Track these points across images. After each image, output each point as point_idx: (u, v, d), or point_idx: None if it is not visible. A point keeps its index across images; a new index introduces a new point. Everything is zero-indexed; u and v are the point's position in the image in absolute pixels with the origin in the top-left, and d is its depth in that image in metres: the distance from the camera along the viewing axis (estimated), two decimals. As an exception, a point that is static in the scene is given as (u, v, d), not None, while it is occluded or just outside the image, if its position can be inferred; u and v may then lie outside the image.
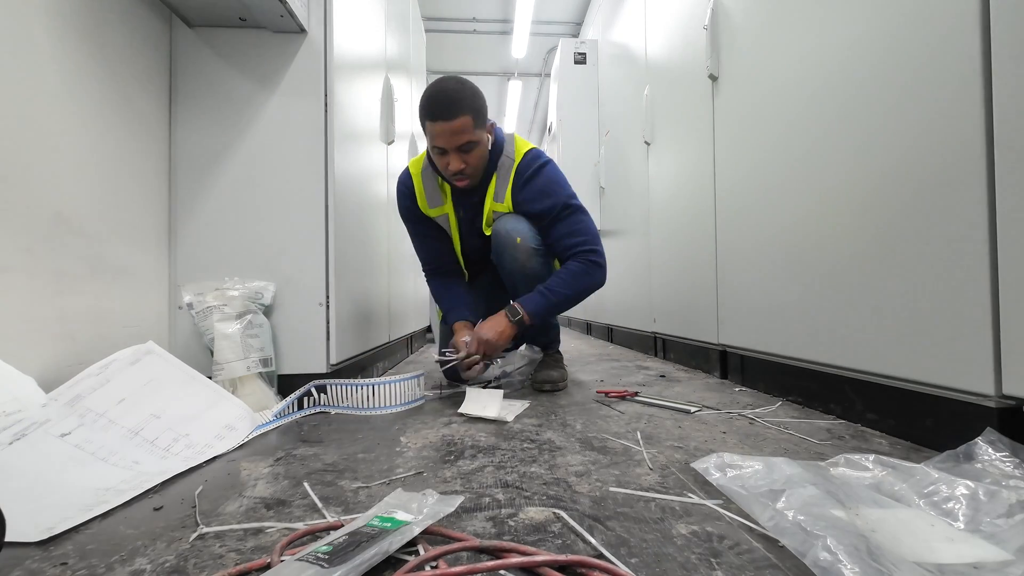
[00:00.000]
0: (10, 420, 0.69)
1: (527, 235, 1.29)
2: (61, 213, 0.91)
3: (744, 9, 1.33)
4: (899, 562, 0.44)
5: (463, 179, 1.25)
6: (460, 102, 1.15)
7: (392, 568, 0.46)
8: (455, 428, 0.99)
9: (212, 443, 0.86)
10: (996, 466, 0.64)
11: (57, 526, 0.56)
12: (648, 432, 0.93)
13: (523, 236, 1.28)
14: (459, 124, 1.15)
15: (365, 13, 1.62)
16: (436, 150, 1.20)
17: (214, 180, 1.24)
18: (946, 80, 0.77)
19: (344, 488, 0.68)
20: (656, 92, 2.03)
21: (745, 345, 1.37)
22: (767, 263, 1.25)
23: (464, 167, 1.21)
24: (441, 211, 1.37)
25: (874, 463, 0.67)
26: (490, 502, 0.63)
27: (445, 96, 1.16)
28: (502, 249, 1.30)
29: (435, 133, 1.17)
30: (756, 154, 1.29)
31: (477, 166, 1.25)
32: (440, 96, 1.16)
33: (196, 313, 1.15)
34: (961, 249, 0.75)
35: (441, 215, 1.38)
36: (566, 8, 4.75)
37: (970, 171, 0.73)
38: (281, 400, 1.11)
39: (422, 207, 1.37)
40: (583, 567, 0.46)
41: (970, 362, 0.74)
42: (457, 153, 1.19)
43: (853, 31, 0.95)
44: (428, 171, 1.35)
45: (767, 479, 0.63)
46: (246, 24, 1.22)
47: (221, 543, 0.53)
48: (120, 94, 1.06)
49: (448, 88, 1.17)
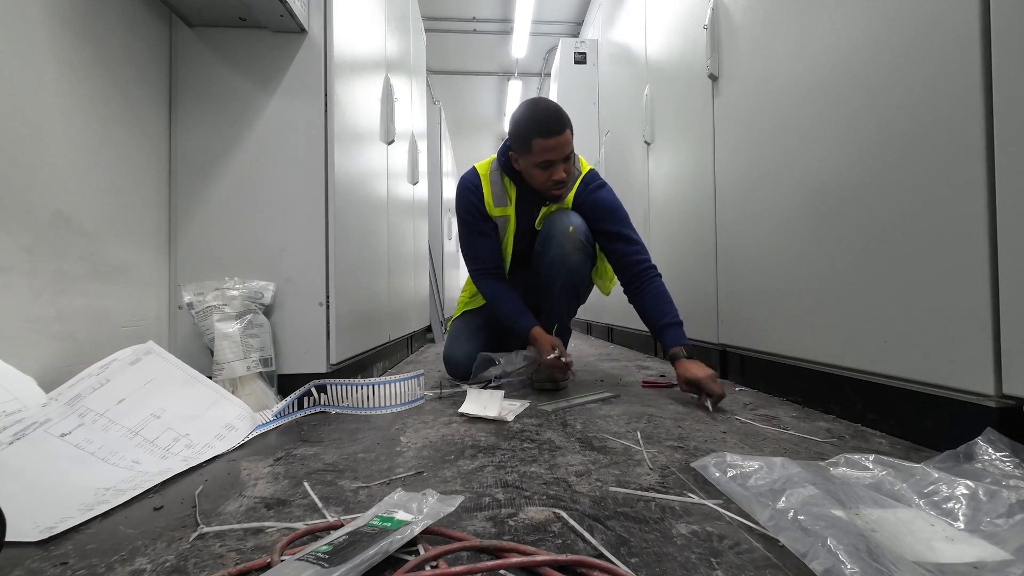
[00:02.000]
0: (10, 420, 0.69)
1: (579, 227, 1.36)
2: (61, 213, 0.91)
3: (744, 9, 1.33)
4: (899, 562, 0.44)
5: (561, 187, 1.34)
6: (564, 118, 1.28)
7: (392, 568, 0.46)
8: (455, 428, 0.99)
9: (212, 443, 0.86)
10: (996, 466, 0.64)
11: (57, 526, 0.56)
12: (648, 432, 0.93)
13: (576, 227, 1.35)
14: (567, 136, 1.28)
15: (365, 13, 1.62)
16: (543, 164, 1.29)
17: (214, 180, 1.24)
18: (947, 78, 0.77)
19: (344, 488, 0.68)
20: (656, 92, 2.03)
21: (745, 345, 1.37)
22: (767, 263, 1.25)
23: (565, 177, 1.32)
24: (504, 212, 1.45)
25: (874, 463, 0.67)
26: (490, 502, 0.63)
27: (554, 114, 1.28)
28: (551, 235, 1.36)
29: (548, 147, 1.27)
30: (756, 153, 1.29)
31: (573, 175, 1.39)
32: (550, 114, 1.28)
33: (196, 313, 1.15)
34: (961, 248, 0.75)
35: (503, 216, 1.46)
36: (566, 8, 4.75)
37: (971, 170, 0.73)
38: (281, 400, 1.11)
39: (487, 206, 1.44)
40: (583, 567, 0.46)
41: (970, 362, 0.74)
42: (562, 164, 1.30)
43: (853, 30, 0.95)
44: (496, 174, 1.45)
45: (767, 479, 0.63)
46: (246, 24, 1.22)
47: (221, 543, 0.53)
48: (120, 94, 1.06)
49: (551, 107, 1.29)
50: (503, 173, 1.44)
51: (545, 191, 1.36)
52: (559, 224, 1.36)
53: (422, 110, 2.92)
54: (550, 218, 1.40)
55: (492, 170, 1.46)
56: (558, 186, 1.33)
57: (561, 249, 1.34)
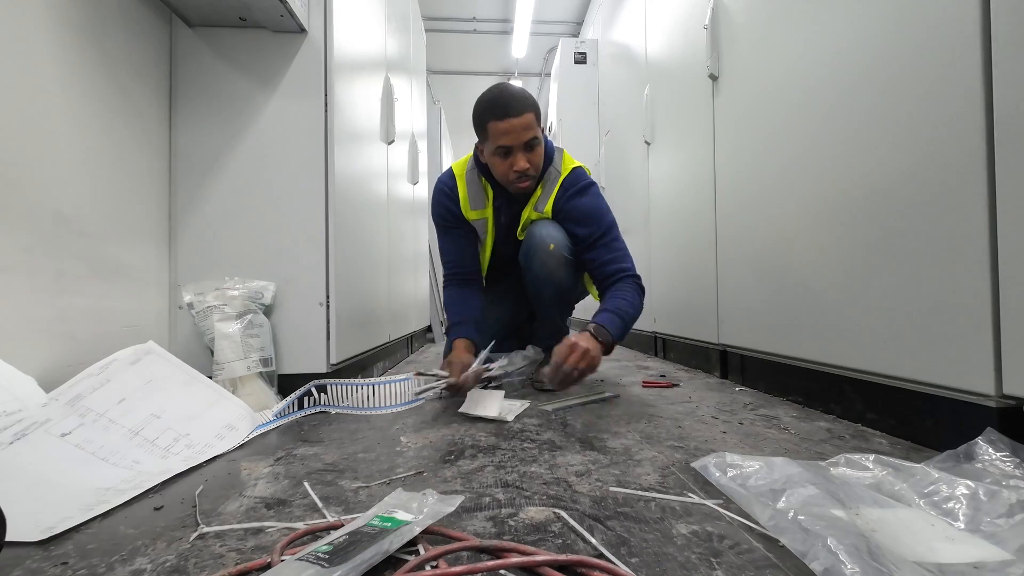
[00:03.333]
0: (10, 420, 0.69)
1: (561, 243, 1.28)
2: (61, 213, 0.91)
3: (744, 8, 1.33)
4: (900, 562, 0.44)
5: (526, 180, 1.24)
6: (524, 99, 1.18)
7: (392, 568, 0.46)
8: (455, 428, 0.99)
9: (212, 443, 0.86)
10: (996, 466, 0.64)
11: (58, 526, 0.56)
12: (648, 432, 0.93)
13: (557, 243, 1.28)
14: (526, 120, 1.17)
15: (365, 13, 1.62)
16: (500, 151, 1.20)
17: (214, 180, 1.24)
18: (947, 78, 0.77)
19: (344, 488, 0.68)
20: (656, 92, 2.03)
21: (745, 345, 1.37)
22: (767, 262, 1.25)
23: (528, 167, 1.22)
24: (481, 215, 1.36)
25: (874, 463, 0.67)
26: (490, 502, 0.63)
27: (509, 95, 1.18)
28: (532, 253, 1.29)
29: (502, 131, 1.17)
30: (756, 153, 1.29)
31: (538, 166, 1.26)
32: (505, 95, 1.18)
33: (196, 313, 1.15)
34: (961, 248, 0.75)
35: (480, 219, 1.37)
36: (566, 8, 4.75)
37: (970, 169, 0.73)
38: (281, 400, 1.11)
39: (463, 209, 1.36)
40: (583, 567, 0.46)
41: (970, 362, 0.74)
42: (523, 152, 1.20)
43: (854, 30, 0.95)
44: (473, 174, 1.35)
45: (767, 479, 0.63)
46: (246, 24, 1.22)
47: (221, 543, 0.53)
48: (120, 94, 1.06)
49: (509, 88, 1.20)
50: (479, 172, 1.35)
51: (509, 184, 1.26)
52: (539, 241, 1.28)
53: (422, 110, 2.92)
54: (530, 231, 1.32)
55: (468, 170, 1.36)
56: (521, 178, 1.23)
57: (544, 268, 1.29)
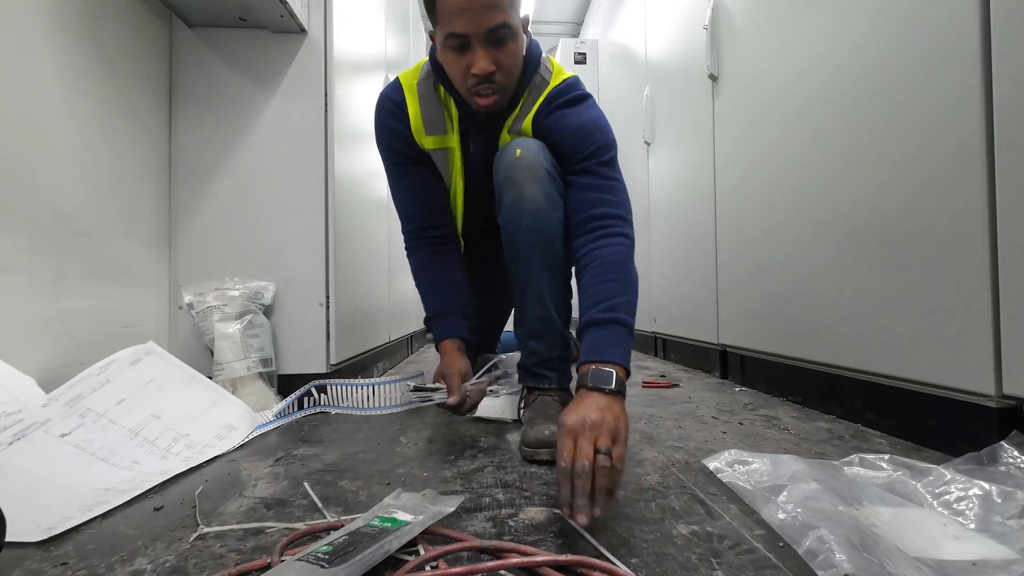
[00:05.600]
0: (10, 420, 0.69)
1: (534, 150, 0.86)
2: (61, 213, 0.91)
3: (744, 9, 1.33)
4: (894, 555, 0.44)
5: (491, 91, 0.83)
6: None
7: (392, 568, 0.46)
8: (455, 428, 0.99)
9: (212, 443, 0.86)
10: (1021, 468, 0.63)
11: (57, 526, 0.56)
12: (648, 432, 0.93)
13: (526, 149, 0.86)
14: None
15: (365, 13, 1.62)
16: (453, 41, 0.80)
17: (214, 180, 1.23)
18: (946, 79, 0.77)
19: (344, 488, 0.68)
20: (656, 92, 2.03)
21: (745, 345, 1.37)
22: (767, 263, 1.25)
23: (494, 70, 0.81)
24: (442, 143, 0.95)
25: (889, 463, 0.67)
26: (490, 502, 0.63)
27: None
28: (499, 173, 0.88)
29: (455, 8, 0.77)
30: (756, 154, 1.29)
31: (511, 73, 0.85)
32: None
33: (196, 313, 1.15)
34: (961, 248, 0.75)
35: (441, 149, 0.96)
36: (566, 8, 4.75)
37: (970, 169, 0.73)
38: (281, 400, 1.11)
39: (415, 134, 0.95)
40: (583, 567, 0.46)
41: (970, 362, 0.74)
42: (486, 48, 0.80)
43: (854, 30, 0.95)
44: (427, 85, 0.93)
45: (772, 475, 0.63)
46: (246, 24, 1.22)
47: (221, 543, 0.53)
48: (120, 94, 1.06)
49: None
50: (437, 82, 0.93)
51: (467, 94, 0.85)
52: (507, 152, 0.88)
53: (422, 110, 2.92)
54: (500, 151, 0.91)
55: (422, 78, 0.94)
56: (483, 83, 0.82)
57: (515, 186, 0.85)
